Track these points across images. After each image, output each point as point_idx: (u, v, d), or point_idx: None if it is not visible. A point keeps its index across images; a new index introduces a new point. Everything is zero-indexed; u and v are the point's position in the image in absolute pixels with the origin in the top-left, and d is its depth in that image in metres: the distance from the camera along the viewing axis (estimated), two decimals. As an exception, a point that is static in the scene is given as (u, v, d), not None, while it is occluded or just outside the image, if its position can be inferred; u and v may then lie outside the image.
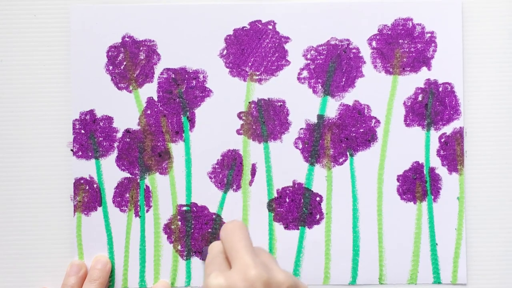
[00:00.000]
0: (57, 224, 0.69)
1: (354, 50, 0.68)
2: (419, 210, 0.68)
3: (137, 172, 0.68)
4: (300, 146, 0.68)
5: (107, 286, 0.68)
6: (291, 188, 0.68)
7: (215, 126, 0.68)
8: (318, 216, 0.68)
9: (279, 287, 0.55)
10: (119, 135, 0.68)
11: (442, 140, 0.68)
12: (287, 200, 0.68)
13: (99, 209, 0.68)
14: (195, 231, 0.68)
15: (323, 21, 0.67)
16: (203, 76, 0.68)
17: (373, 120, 0.68)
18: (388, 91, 0.68)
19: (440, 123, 0.68)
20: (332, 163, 0.68)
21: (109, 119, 0.68)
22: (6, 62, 0.69)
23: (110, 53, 0.68)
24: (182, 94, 0.68)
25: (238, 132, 0.68)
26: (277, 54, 0.68)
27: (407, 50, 0.67)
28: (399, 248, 0.68)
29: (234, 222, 0.61)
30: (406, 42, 0.67)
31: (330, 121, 0.68)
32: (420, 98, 0.68)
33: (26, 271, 0.69)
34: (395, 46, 0.67)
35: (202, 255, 0.68)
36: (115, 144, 0.68)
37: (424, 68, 0.67)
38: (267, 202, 0.68)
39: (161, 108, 0.68)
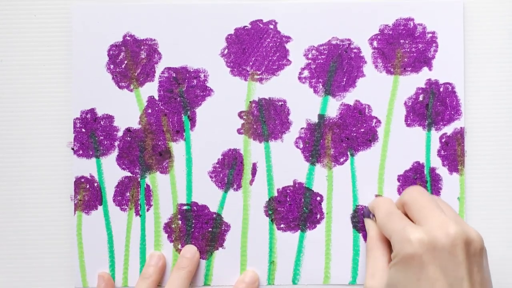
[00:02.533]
0: (57, 223, 0.68)
1: (355, 50, 0.68)
2: (420, 210, 0.68)
3: (137, 171, 0.68)
4: (301, 146, 0.68)
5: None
6: (291, 188, 0.68)
7: (216, 125, 0.68)
8: (318, 216, 0.68)
9: (474, 245, 0.57)
10: (120, 134, 0.68)
11: (443, 140, 0.68)
12: (288, 199, 0.68)
13: (100, 208, 0.68)
14: (195, 230, 0.68)
15: (324, 20, 0.68)
16: (204, 75, 0.68)
17: (374, 120, 0.68)
18: (389, 91, 0.68)
19: (441, 123, 0.68)
20: (333, 163, 0.68)
21: (110, 118, 0.68)
22: (6, 62, 0.69)
23: (111, 52, 0.68)
24: (183, 93, 0.68)
25: (238, 131, 0.68)
26: (278, 54, 0.68)
27: (408, 50, 0.67)
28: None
29: (418, 186, 0.64)
30: (407, 42, 0.67)
31: (331, 120, 0.68)
32: (421, 98, 0.68)
33: (26, 271, 0.69)
34: (396, 46, 0.67)
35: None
36: (116, 143, 0.68)
37: (425, 68, 0.68)
38: (268, 202, 0.68)
39: (162, 107, 0.68)
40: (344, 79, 0.68)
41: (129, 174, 0.68)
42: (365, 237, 0.67)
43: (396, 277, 0.58)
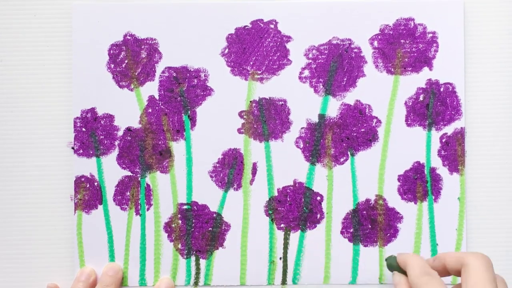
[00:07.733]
0: (57, 222, 0.68)
1: (355, 50, 0.68)
2: (420, 210, 0.68)
3: (138, 170, 0.68)
4: (301, 146, 0.68)
5: None
6: (291, 187, 0.68)
7: (216, 125, 0.68)
8: (318, 216, 0.68)
9: None
10: (120, 133, 0.68)
11: (443, 140, 0.68)
12: (288, 199, 0.68)
13: (100, 207, 0.68)
14: (195, 230, 0.68)
15: (324, 20, 0.68)
16: (204, 74, 0.68)
17: (374, 120, 0.68)
18: (390, 91, 0.68)
19: (441, 123, 0.68)
20: (333, 163, 0.68)
21: (110, 117, 0.68)
22: (6, 62, 0.69)
23: (111, 51, 0.68)
24: (184, 93, 0.68)
25: (239, 131, 0.68)
26: (278, 53, 0.68)
27: (408, 50, 0.67)
28: (399, 248, 0.68)
29: (487, 258, 0.57)
30: (407, 42, 0.68)
31: (331, 120, 0.68)
32: (421, 98, 0.68)
33: (26, 270, 0.69)
34: (397, 46, 0.68)
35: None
36: (116, 143, 0.68)
37: (426, 68, 0.68)
38: (268, 201, 0.68)
39: (162, 106, 0.68)
40: (345, 79, 0.68)
41: (129, 173, 0.68)
42: (364, 238, 0.68)
43: None
